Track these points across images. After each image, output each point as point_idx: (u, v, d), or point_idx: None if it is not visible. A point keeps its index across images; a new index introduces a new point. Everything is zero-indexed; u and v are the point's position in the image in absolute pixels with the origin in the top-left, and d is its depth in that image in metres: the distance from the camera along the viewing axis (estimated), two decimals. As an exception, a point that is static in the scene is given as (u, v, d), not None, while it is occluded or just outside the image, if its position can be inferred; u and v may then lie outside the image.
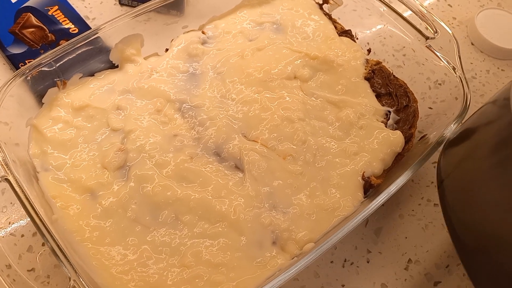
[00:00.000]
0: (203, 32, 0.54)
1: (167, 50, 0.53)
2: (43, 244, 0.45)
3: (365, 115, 0.51)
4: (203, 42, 0.54)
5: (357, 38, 0.57)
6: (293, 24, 0.57)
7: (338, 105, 0.51)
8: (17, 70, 0.53)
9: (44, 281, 0.43)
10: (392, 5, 0.54)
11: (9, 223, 0.46)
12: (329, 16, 0.59)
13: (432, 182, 0.53)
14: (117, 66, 0.51)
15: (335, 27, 0.58)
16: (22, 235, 0.46)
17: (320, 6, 0.59)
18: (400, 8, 0.53)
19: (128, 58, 0.50)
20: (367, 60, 0.55)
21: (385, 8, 0.54)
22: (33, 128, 0.45)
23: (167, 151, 0.45)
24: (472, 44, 0.67)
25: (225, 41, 0.54)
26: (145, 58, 0.52)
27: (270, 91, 0.50)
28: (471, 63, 0.65)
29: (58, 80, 0.47)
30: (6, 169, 0.38)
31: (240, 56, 0.52)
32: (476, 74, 0.64)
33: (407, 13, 0.54)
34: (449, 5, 0.71)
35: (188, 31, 0.54)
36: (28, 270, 0.44)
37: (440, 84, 0.54)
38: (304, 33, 0.56)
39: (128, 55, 0.50)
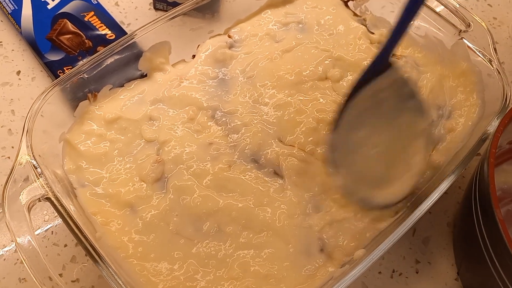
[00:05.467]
0: (229, 36, 0.53)
1: (194, 56, 0.52)
2: (86, 255, 0.44)
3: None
4: (230, 46, 0.53)
5: (385, 34, 0.56)
6: (318, 22, 0.56)
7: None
8: (55, 76, 0.53)
9: (88, 292, 0.43)
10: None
11: (52, 233, 0.46)
12: (354, 13, 0.58)
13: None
14: (146, 75, 0.50)
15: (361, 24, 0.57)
16: (65, 245, 0.45)
17: (345, 3, 0.58)
18: (431, 3, 0.52)
19: (157, 67, 0.49)
20: (393, 55, 0.54)
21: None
22: (66, 143, 0.44)
23: (204, 160, 0.44)
24: (515, 44, 0.65)
25: (252, 44, 0.53)
26: (172, 66, 0.51)
27: (303, 94, 0.49)
28: (514, 64, 0.62)
29: (89, 93, 0.46)
30: (47, 187, 0.37)
31: (269, 59, 0.51)
32: (520, 75, 0.61)
33: (439, 8, 0.52)
34: (489, 4, 0.68)
35: (214, 36, 0.53)
36: (72, 281, 0.43)
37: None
38: (329, 30, 0.55)
39: (157, 64, 0.49)
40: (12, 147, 0.51)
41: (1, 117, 0.52)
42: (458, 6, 0.51)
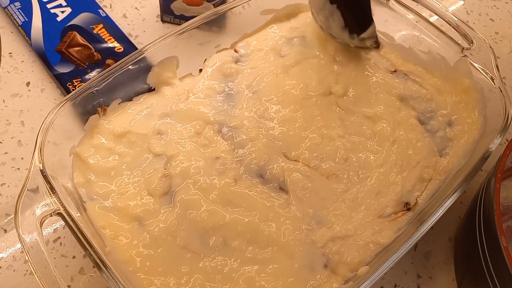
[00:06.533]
0: (235, 51, 0.54)
1: (201, 70, 0.53)
2: (93, 266, 0.45)
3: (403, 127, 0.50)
4: (236, 61, 0.53)
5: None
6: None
7: (373, 119, 0.51)
8: (64, 88, 0.54)
9: (96, 305, 0.44)
10: (426, 16, 0.53)
11: (61, 244, 0.46)
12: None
13: (481, 204, 0.52)
14: (154, 89, 0.50)
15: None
16: (74, 257, 0.46)
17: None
18: (434, 19, 0.53)
19: (165, 81, 0.50)
20: (395, 70, 0.55)
21: (418, 19, 0.54)
22: (76, 156, 0.45)
23: (211, 175, 0.45)
24: (517, 59, 0.66)
25: (257, 58, 0.54)
26: (180, 79, 0.52)
27: (308, 109, 0.50)
28: (516, 79, 0.63)
29: (99, 107, 0.47)
30: (59, 203, 0.38)
31: (274, 74, 0.52)
32: (522, 90, 0.62)
33: (433, 18, 0.53)
34: (491, 19, 0.70)
35: (220, 50, 0.54)
36: (80, 294, 0.44)
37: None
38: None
39: (165, 78, 0.50)
40: (22, 158, 0.51)
41: (11, 128, 0.53)
42: (460, 22, 0.52)
